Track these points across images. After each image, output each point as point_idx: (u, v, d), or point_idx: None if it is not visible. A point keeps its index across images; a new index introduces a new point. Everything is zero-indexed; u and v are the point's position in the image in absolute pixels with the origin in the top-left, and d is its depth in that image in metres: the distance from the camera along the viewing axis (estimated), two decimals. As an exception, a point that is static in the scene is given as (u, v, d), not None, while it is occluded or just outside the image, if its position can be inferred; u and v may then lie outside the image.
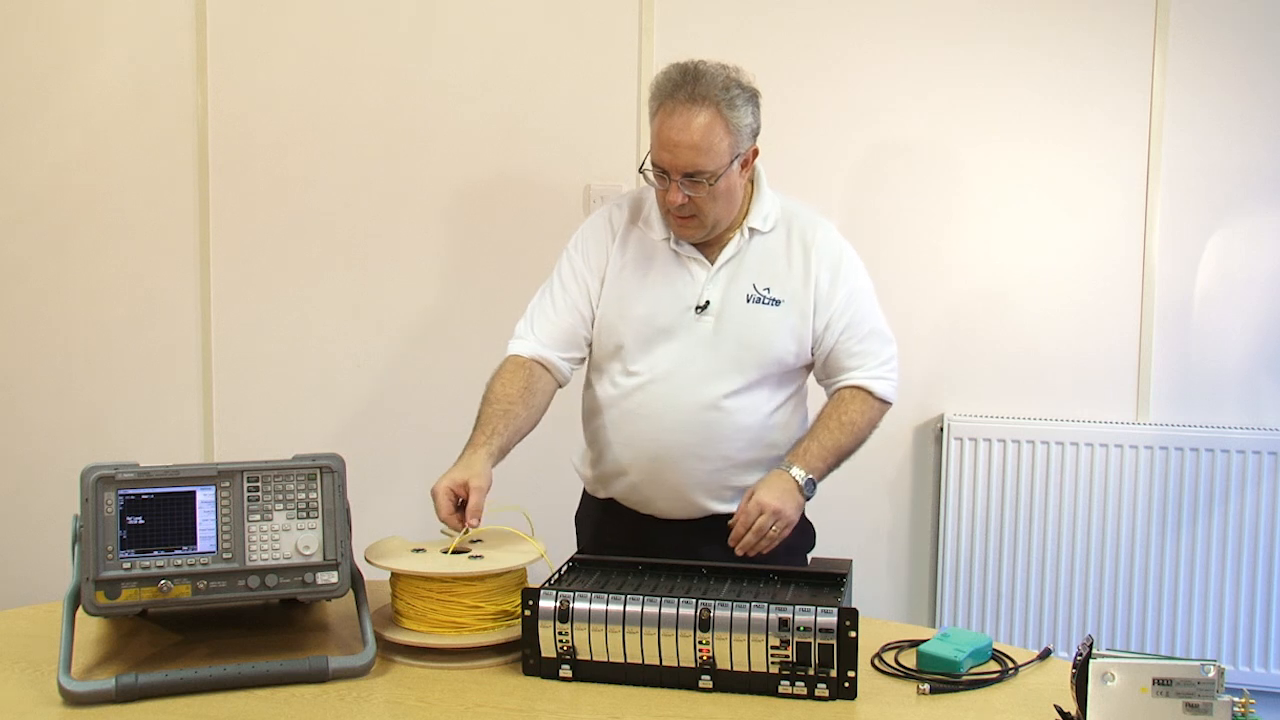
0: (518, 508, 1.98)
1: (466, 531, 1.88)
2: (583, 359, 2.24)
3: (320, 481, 1.76)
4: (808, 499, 2.08)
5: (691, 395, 2.10)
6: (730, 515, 2.09)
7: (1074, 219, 3.09)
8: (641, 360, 2.14)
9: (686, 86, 2.00)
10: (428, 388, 3.36)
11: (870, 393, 2.15)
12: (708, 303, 2.11)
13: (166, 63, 3.38)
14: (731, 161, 2.02)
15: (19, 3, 3.44)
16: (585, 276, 2.19)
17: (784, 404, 2.19)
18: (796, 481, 2.05)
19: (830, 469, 2.12)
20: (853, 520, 3.18)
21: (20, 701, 1.63)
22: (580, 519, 2.36)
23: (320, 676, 1.70)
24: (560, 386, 2.22)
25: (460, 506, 1.90)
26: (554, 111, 3.24)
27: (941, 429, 3.14)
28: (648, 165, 2.06)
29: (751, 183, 2.16)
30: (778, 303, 2.11)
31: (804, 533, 2.23)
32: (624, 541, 2.20)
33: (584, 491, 2.34)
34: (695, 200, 2.03)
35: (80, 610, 1.67)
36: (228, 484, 1.72)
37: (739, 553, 2.02)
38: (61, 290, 3.50)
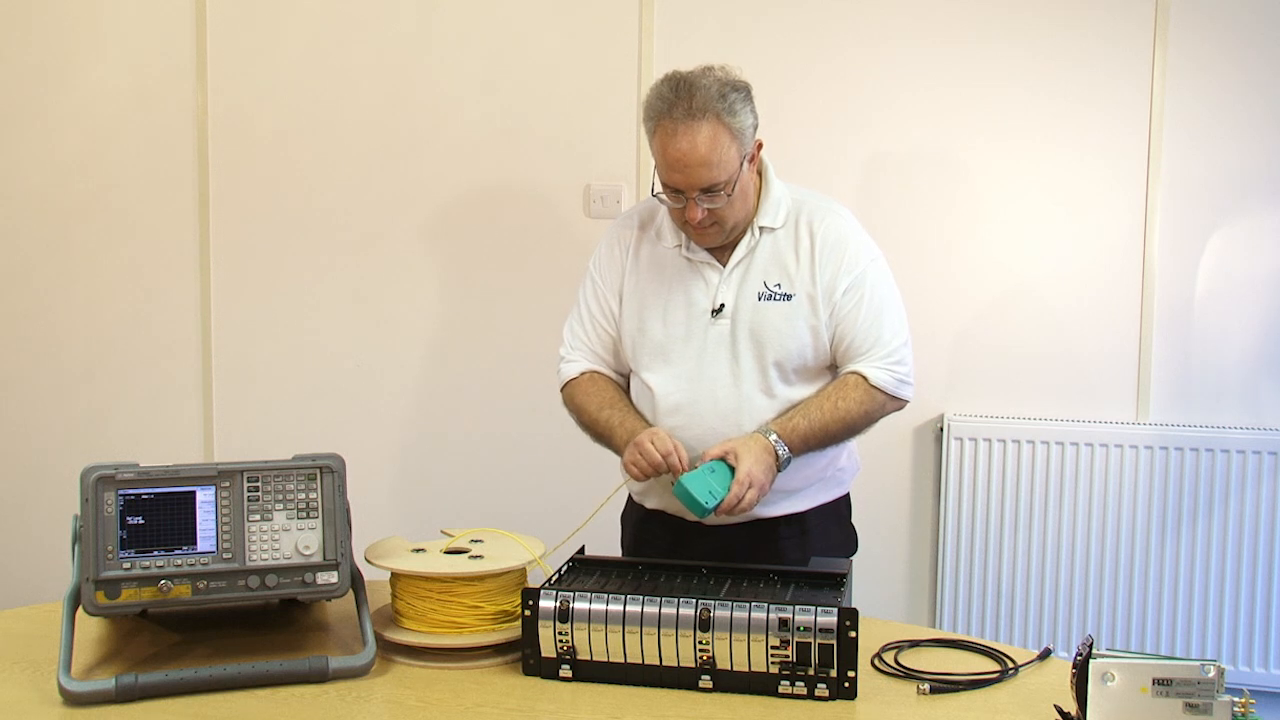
0: None
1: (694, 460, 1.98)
2: (627, 374, 2.23)
3: (320, 481, 1.76)
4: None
5: (718, 401, 2.09)
6: (773, 519, 2.12)
7: (1074, 219, 3.09)
8: (664, 370, 2.12)
9: (682, 102, 1.95)
10: (428, 387, 3.36)
11: (865, 379, 2.06)
12: (722, 305, 2.09)
13: (166, 63, 3.38)
14: (740, 165, 2.00)
15: (19, 3, 3.44)
16: (606, 297, 2.18)
17: None
18: (778, 457, 1.99)
19: (808, 452, 2.06)
20: (853, 520, 3.17)
21: (20, 701, 1.63)
22: (625, 517, 2.34)
23: (320, 676, 1.69)
24: None
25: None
26: (554, 111, 3.24)
27: (941, 429, 3.14)
28: (658, 188, 2.03)
29: (760, 175, 2.12)
30: (789, 297, 2.08)
31: (848, 539, 2.31)
32: (663, 545, 2.19)
33: (628, 494, 2.31)
34: (714, 211, 2.01)
35: (80, 610, 1.67)
36: (228, 484, 1.72)
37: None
38: (61, 290, 3.50)
